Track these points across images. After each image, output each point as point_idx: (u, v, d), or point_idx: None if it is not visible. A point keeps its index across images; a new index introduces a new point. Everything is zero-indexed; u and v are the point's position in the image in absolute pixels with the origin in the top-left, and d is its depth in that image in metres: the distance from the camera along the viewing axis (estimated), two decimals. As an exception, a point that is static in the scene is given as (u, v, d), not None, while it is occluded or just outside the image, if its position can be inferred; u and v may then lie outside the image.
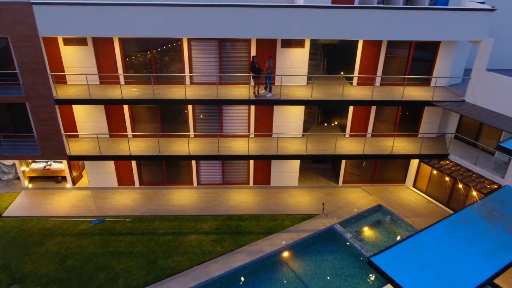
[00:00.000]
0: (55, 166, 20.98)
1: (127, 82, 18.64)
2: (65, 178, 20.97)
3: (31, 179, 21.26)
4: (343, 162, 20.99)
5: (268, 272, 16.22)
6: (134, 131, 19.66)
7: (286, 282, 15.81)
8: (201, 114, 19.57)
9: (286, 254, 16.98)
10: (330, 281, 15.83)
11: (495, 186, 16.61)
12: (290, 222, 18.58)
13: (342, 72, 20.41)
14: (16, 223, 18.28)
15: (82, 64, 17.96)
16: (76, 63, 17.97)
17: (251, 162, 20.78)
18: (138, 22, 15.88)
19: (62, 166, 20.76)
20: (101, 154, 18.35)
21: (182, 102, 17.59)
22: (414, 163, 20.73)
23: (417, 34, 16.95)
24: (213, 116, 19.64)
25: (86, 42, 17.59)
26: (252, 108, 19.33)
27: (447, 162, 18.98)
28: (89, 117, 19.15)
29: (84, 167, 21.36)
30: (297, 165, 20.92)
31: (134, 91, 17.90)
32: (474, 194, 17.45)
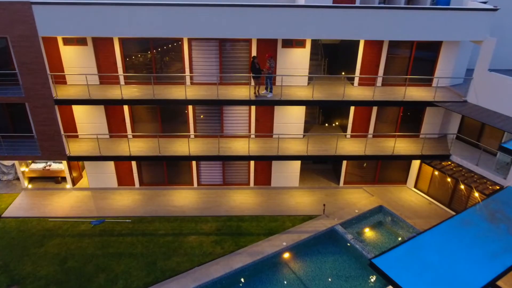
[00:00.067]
0: (55, 166, 20.92)
1: (127, 82, 18.58)
2: (65, 179, 20.92)
3: (31, 180, 21.20)
4: (344, 162, 20.90)
5: (268, 273, 16.15)
6: (134, 132, 19.60)
7: (286, 284, 15.74)
8: (201, 114, 19.50)
9: (286, 255, 16.91)
10: (331, 282, 15.76)
11: (497, 187, 16.53)
12: (291, 223, 18.50)
13: (343, 72, 20.34)
14: (15, 224, 18.22)
15: (82, 64, 17.90)
16: (75, 63, 17.92)
17: (252, 162, 20.70)
18: (138, 22, 15.81)
19: (62, 167, 20.70)
20: (101, 155, 18.30)
21: (182, 103, 17.54)
22: (416, 164, 20.64)
23: (418, 34, 16.87)
24: (213, 116, 19.57)
25: (86, 42, 17.53)
26: (252, 108, 19.26)
27: (449, 162, 18.91)
28: (89, 117, 19.09)
29: (84, 168, 21.30)
30: (298, 165, 20.85)
31: (134, 91, 17.84)
32: (476, 195, 17.36)
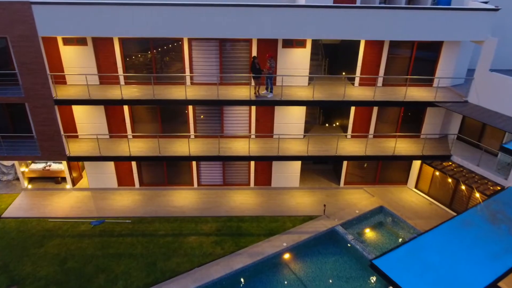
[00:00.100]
0: (55, 166, 20.88)
1: (127, 82, 18.54)
2: (64, 179, 20.88)
3: (31, 180, 21.15)
4: (345, 163, 20.84)
5: (269, 274, 16.10)
6: (134, 132, 19.55)
7: (287, 284, 15.70)
8: (201, 114, 19.46)
9: (287, 256, 16.86)
10: (332, 283, 15.72)
11: (498, 188, 16.48)
12: (291, 223, 18.45)
13: (344, 72, 20.30)
14: (15, 224, 18.18)
15: (82, 64, 17.86)
16: (75, 63, 17.87)
17: (252, 163, 20.65)
18: (138, 22, 15.76)
19: (61, 167, 20.66)
20: (101, 155, 18.26)
21: (182, 103, 17.50)
22: (416, 164, 20.58)
23: (419, 34, 16.81)
24: (213, 116, 19.53)
25: (85, 42, 17.49)
26: (253, 108, 19.21)
27: (450, 163, 18.86)
28: (88, 117, 19.05)
29: (84, 168, 21.26)
30: (298, 166, 20.79)
31: (134, 92, 17.80)
32: (477, 195, 17.30)
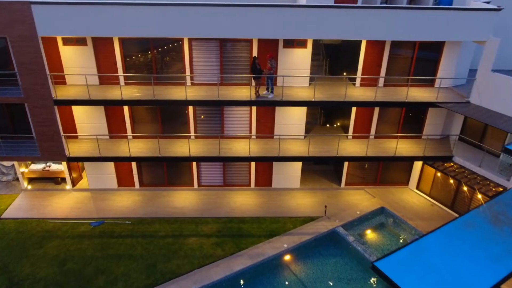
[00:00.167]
0: (55, 167, 20.80)
1: (127, 83, 18.46)
2: (64, 180, 20.80)
3: (30, 181, 21.08)
4: (346, 164, 20.74)
5: (269, 275, 16.02)
6: (134, 132, 19.48)
7: (288, 286, 15.61)
8: (202, 115, 19.38)
9: (288, 257, 16.77)
10: (333, 285, 15.63)
11: (501, 189, 16.40)
12: (292, 224, 18.36)
13: (345, 72, 20.22)
14: (14, 225, 18.11)
15: (82, 64, 17.79)
16: (75, 64, 17.81)
17: (253, 163, 20.56)
18: (138, 22, 15.70)
19: (61, 167, 20.59)
20: (100, 156, 18.20)
21: (182, 103, 17.43)
22: (418, 165, 20.47)
23: (421, 34, 16.73)
24: (214, 117, 19.45)
25: (85, 42, 17.42)
26: (253, 109, 19.13)
27: (451, 164, 18.77)
28: (88, 118, 18.97)
29: (83, 169, 21.18)
30: (299, 167, 20.70)
31: (134, 92, 17.73)
32: (479, 197, 17.20)
